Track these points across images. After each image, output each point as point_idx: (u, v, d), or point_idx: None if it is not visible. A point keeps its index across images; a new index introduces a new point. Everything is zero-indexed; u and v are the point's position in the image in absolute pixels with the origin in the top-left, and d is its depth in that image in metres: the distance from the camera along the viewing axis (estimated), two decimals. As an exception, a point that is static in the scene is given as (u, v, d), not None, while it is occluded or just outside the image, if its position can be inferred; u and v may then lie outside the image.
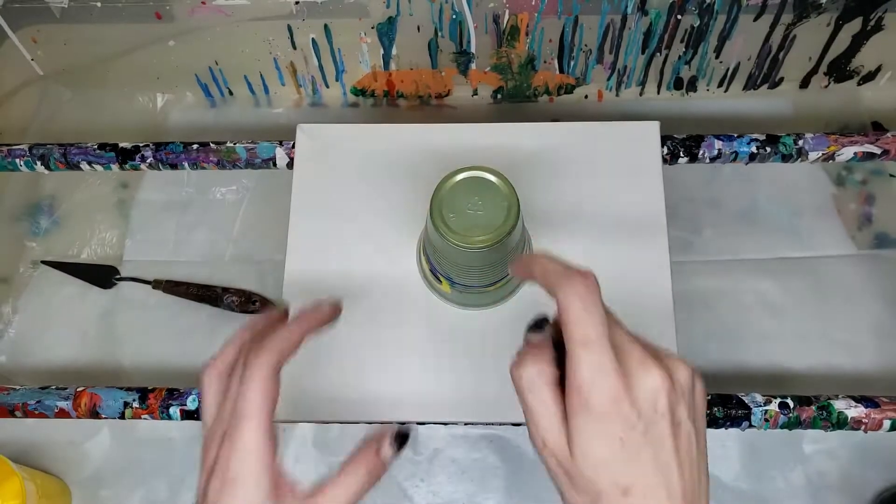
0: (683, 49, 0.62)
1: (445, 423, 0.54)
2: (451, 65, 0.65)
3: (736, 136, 0.56)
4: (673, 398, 0.33)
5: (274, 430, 0.35)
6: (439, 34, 0.61)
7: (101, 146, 0.59)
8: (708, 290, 0.59)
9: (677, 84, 0.66)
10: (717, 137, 0.56)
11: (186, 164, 0.59)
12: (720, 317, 0.59)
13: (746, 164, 0.57)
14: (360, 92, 0.68)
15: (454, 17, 0.59)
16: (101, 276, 0.62)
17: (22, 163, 0.59)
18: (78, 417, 0.52)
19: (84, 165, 0.59)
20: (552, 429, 0.33)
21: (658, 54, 0.63)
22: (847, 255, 0.60)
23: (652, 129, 0.55)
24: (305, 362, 0.49)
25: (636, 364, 0.33)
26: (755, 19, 0.59)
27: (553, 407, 0.33)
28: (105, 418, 0.52)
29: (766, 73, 0.65)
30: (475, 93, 0.68)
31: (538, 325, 0.37)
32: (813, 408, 0.49)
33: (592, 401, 0.32)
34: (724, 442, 0.55)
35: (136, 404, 0.51)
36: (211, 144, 0.58)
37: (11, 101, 0.69)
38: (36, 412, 0.52)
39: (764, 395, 0.49)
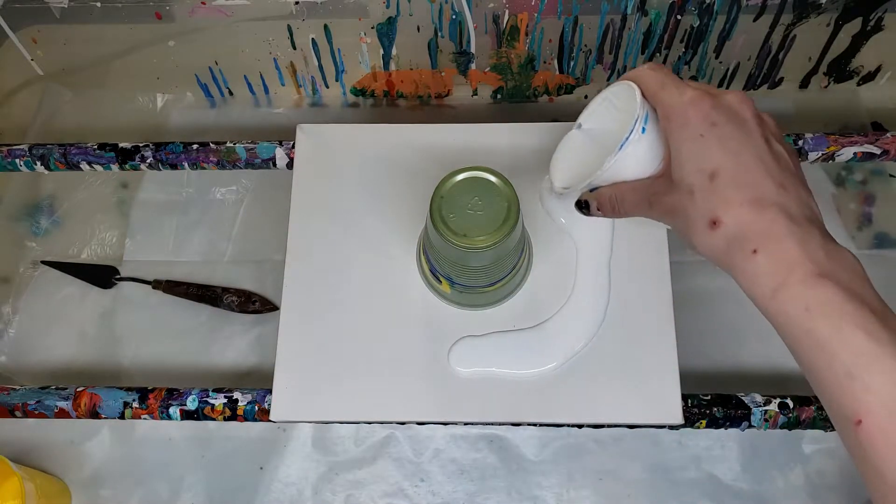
0: (683, 49, 0.62)
1: (445, 423, 0.54)
2: (450, 65, 0.65)
3: (736, 136, 0.56)
4: (757, 114, 0.37)
5: None
6: (439, 34, 0.61)
7: (101, 146, 0.59)
8: (708, 290, 0.59)
9: (677, 84, 0.66)
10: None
11: (186, 165, 0.59)
12: (720, 316, 0.59)
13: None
14: (359, 92, 0.68)
15: (454, 17, 0.59)
16: (101, 276, 0.62)
17: (22, 163, 0.59)
18: (78, 417, 0.52)
19: (84, 165, 0.59)
20: (647, 184, 0.38)
21: (658, 54, 0.63)
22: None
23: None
24: (306, 362, 0.50)
25: (715, 89, 0.37)
26: (755, 19, 0.59)
27: (635, 183, 0.39)
28: (105, 418, 0.52)
29: (765, 74, 0.65)
30: (475, 93, 0.68)
31: (580, 204, 0.43)
32: (812, 408, 0.49)
33: (673, 112, 0.36)
34: (724, 442, 0.55)
35: (135, 404, 0.51)
36: (211, 144, 0.58)
37: (11, 101, 0.69)
38: (36, 412, 0.52)
39: (764, 396, 0.49)
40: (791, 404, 0.49)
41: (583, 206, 0.42)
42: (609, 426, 0.51)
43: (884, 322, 0.31)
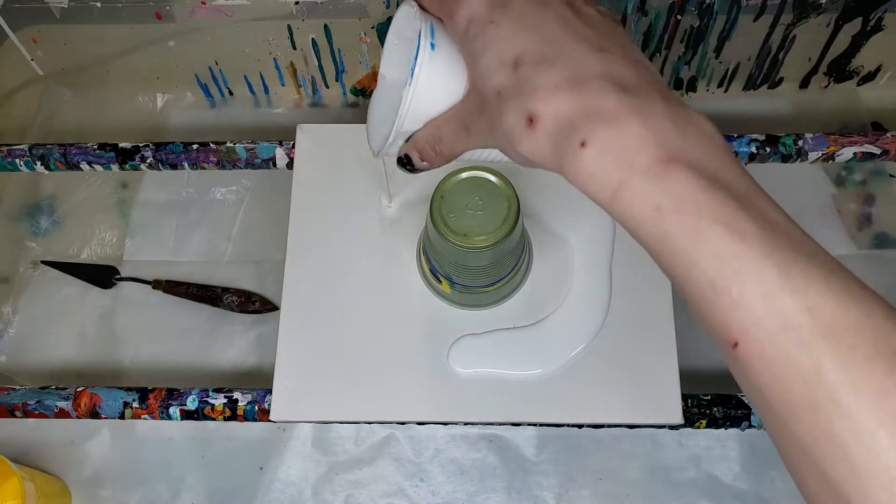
0: (683, 49, 0.62)
1: (445, 424, 0.54)
2: (450, 65, 0.64)
3: (736, 136, 0.57)
4: None
5: None
6: (439, 34, 0.61)
7: (101, 146, 0.59)
8: (708, 290, 0.59)
9: (677, 84, 0.66)
10: (717, 137, 0.56)
11: (186, 165, 0.59)
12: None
13: (746, 164, 0.57)
14: (360, 92, 0.68)
15: (454, 17, 0.59)
16: (101, 276, 0.62)
17: (22, 163, 0.59)
18: (78, 417, 0.52)
19: (84, 165, 0.59)
20: (459, 110, 0.31)
21: (658, 54, 0.63)
22: (847, 256, 0.60)
23: (652, 130, 0.55)
24: (306, 362, 0.50)
25: None
26: (755, 20, 0.59)
27: (448, 114, 0.31)
28: (105, 418, 0.52)
29: (765, 74, 0.65)
30: (475, 93, 0.68)
31: (401, 161, 0.35)
32: (812, 408, 0.49)
33: (454, 8, 0.29)
34: (724, 442, 0.55)
35: (135, 404, 0.51)
36: (211, 144, 0.58)
37: (11, 101, 0.69)
38: (36, 412, 0.52)
39: (763, 395, 0.49)
40: (791, 404, 0.49)
41: (405, 164, 0.35)
42: (609, 426, 0.51)
43: (749, 210, 0.24)
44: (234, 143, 0.58)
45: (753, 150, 0.56)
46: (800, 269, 0.23)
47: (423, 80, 0.31)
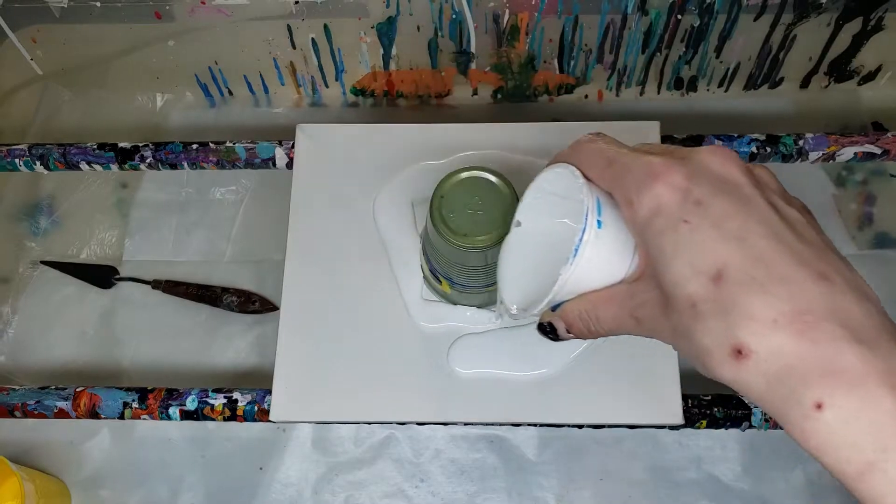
0: (684, 49, 0.62)
1: (445, 424, 0.54)
2: (450, 65, 0.64)
3: (736, 136, 0.56)
4: (748, 169, 0.26)
5: None
6: (439, 34, 0.61)
7: (101, 146, 0.59)
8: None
9: (677, 84, 0.66)
10: (718, 137, 0.56)
11: (186, 164, 0.59)
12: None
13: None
14: (359, 92, 0.68)
15: (454, 16, 0.59)
16: (101, 276, 0.62)
17: (21, 163, 0.59)
18: (77, 418, 0.52)
19: (83, 165, 0.59)
20: (624, 293, 0.28)
21: (658, 54, 0.63)
22: (847, 256, 0.59)
23: (652, 129, 0.55)
24: (305, 362, 0.50)
25: (680, 149, 0.27)
26: (755, 19, 0.59)
27: (608, 293, 0.29)
28: (104, 418, 0.52)
29: (766, 73, 0.65)
30: (475, 93, 0.68)
31: (542, 328, 0.34)
32: (813, 408, 0.49)
33: (635, 196, 0.26)
34: (725, 442, 0.55)
35: (135, 404, 0.51)
36: (210, 144, 0.58)
37: (11, 101, 0.68)
38: (35, 412, 0.51)
39: (764, 396, 0.49)
40: (792, 404, 0.49)
41: (547, 332, 0.32)
42: (609, 426, 0.51)
43: None
44: (234, 143, 0.58)
45: (754, 149, 0.56)
46: None
47: (587, 261, 0.29)
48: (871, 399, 0.22)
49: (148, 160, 0.58)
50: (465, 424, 0.54)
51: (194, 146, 0.58)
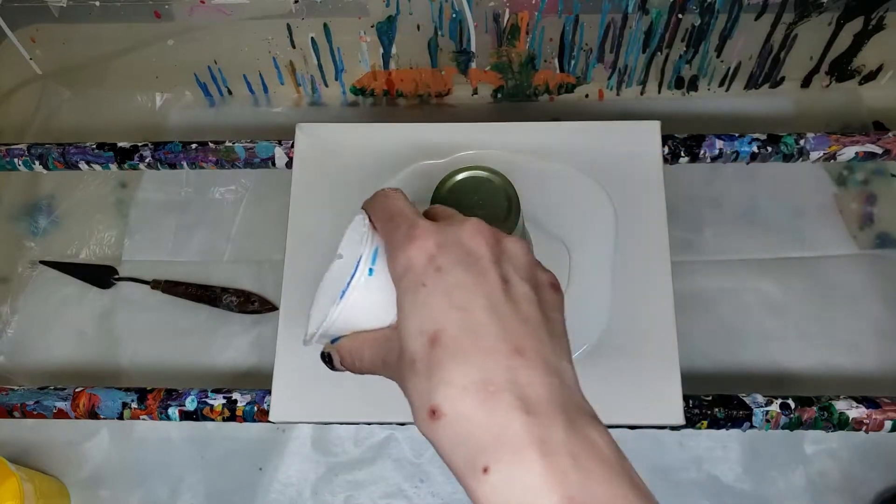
0: (684, 48, 0.62)
1: (445, 424, 0.54)
2: (450, 64, 0.64)
3: (737, 135, 0.56)
4: (496, 245, 0.29)
5: None
6: (439, 33, 0.61)
7: (100, 146, 0.59)
8: (709, 291, 0.59)
9: (678, 83, 0.66)
10: (719, 137, 0.56)
11: (185, 164, 0.59)
12: (721, 317, 0.58)
13: (748, 163, 0.57)
14: (359, 91, 0.68)
15: (454, 15, 0.59)
16: (100, 276, 0.62)
17: (20, 162, 0.59)
18: (76, 418, 0.51)
19: (83, 165, 0.59)
20: (384, 336, 0.31)
21: (659, 53, 0.63)
22: (848, 256, 0.60)
23: (653, 129, 0.54)
24: (305, 362, 0.49)
25: (458, 218, 0.30)
26: (756, 18, 0.59)
27: (374, 334, 0.32)
28: (104, 419, 0.52)
29: (767, 73, 0.65)
30: (475, 92, 0.68)
31: (323, 357, 0.35)
32: (814, 409, 0.48)
33: (395, 252, 0.29)
34: (726, 443, 0.55)
35: (134, 405, 0.51)
36: (210, 144, 0.58)
37: (10, 100, 0.68)
38: (34, 413, 0.51)
39: (765, 396, 0.49)
40: (793, 405, 0.49)
41: (326, 361, 0.35)
42: (610, 427, 0.51)
43: None
44: (233, 143, 0.58)
45: (755, 149, 0.56)
46: None
47: (352, 302, 0.31)
48: (526, 464, 0.24)
49: (147, 160, 0.58)
50: (465, 425, 0.54)
51: (194, 146, 0.58)
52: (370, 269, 0.31)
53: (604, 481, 0.25)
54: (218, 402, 0.50)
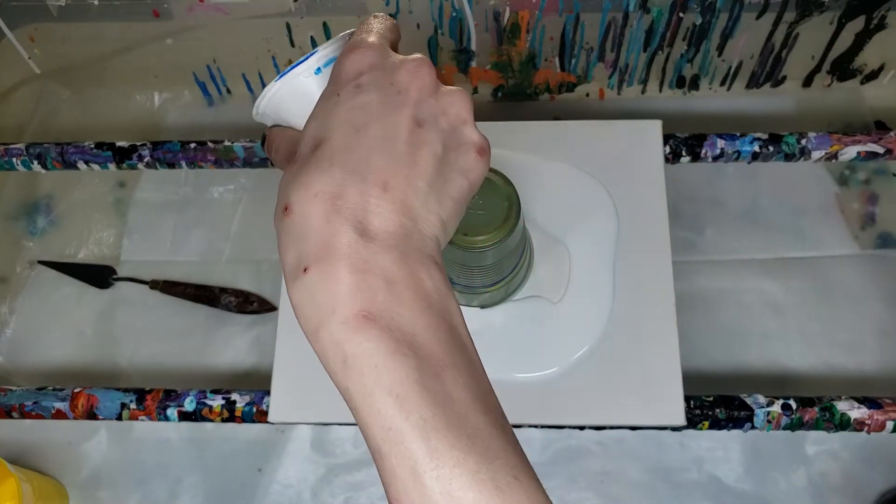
0: (686, 47, 0.62)
1: (445, 425, 0.53)
2: (451, 63, 0.64)
3: (738, 134, 0.56)
4: (427, 93, 0.29)
5: None
6: (439, 32, 0.61)
7: (98, 145, 0.58)
8: (710, 290, 0.59)
9: (679, 82, 0.66)
10: (720, 136, 0.56)
11: (184, 163, 0.58)
12: (722, 317, 0.58)
13: (749, 163, 0.57)
14: (359, 90, 0.68)
15: (454, 14, 0.59)
16: (99, 276, 0.62)
17: (19, 162, 0.59)
18: (75, 418, 0.51)
19: (81, 165, 0.59)
20: (291, 138, 0.31)
21: (660, 52, 0.62)
22: (850, 255, 0.60)
23: (654, 128, 0.54)
24: (304, 363, 0.49)
25: (413, 56, 0.30)
26: (757, 17, 0.58)
27: (294, 132, 0.32)
28: (102, 419, 0.51)
29: (768, 72, 0.65)
30: (475, 91, 0.68)
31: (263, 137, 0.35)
32: (816, 409, 0.48)
33: (334, 67, 0.29)
34: (727, 443, 0.54)
35: (133, 405, 0.51)
36: (209, 143, 0.58)
37: (8, 99, 0.68)
38: (33, 413, 0.51)
39: (766, 397, 0.49)
40: (794, 405, 0.48)
41: (262, 140, 0.36)
42: (611, 428, 0.51)
43: (429, 384, 0.24)
44: (232, 142, 0.58)
45: (756, 148, 0.56)
46: (455, 456, 0.23)
47: (288, 89, 0.31)
48: (339, 273, 0.25)
49: (146, 159, 0.58)
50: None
51: (192, 145, 0.58)
52: (318, 69, 0.31)
53: (414, 308, 0.25)
54: (217, 402, 0.50)
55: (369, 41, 0.29)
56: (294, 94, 0.31)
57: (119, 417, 0.51)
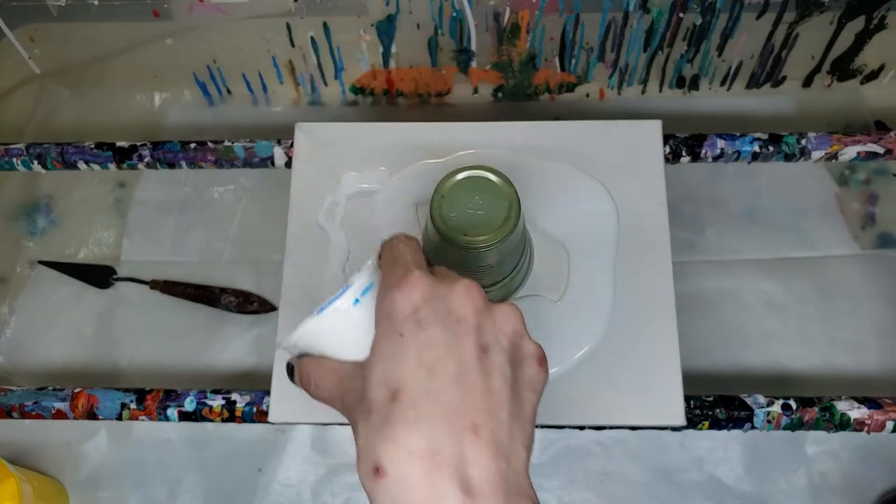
0: (685, 47, 0.62)
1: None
2: (451, 63, 0.64)
3: (738, 135, 0.56)
4: (483, 315, 0.29)
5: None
6: (439, 32, 0.61)
7: (99, 145, 0.58)
8: (710, 291, 0.59)
9: (679, 82, 0.66)
10: (720, 136, 0.56)
11: (184, 164, 0.58)
12: (722, 317, 0.58)
13: (749, 163, 0.57)
14: (359, 90, 0.68)
15: (454, 14, 0.59)
16: (99, 276, 0.62)
17: (19, 162, 0.59)
18: (75, 419, 0.51)
19: (81, 165, 0.59)
20: (348, 372, 0.31)
21: (660, 52, 0.62)
22: (850, 256, 0.60)
23: (654, 128, 0.54)
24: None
25: (455, 277, 0.30)
26: (757, 17, 0.58)
27: (338, 365, 0.31)
28: (102, 419, 0.51)
29: (768, 72, 0.65)
30: (475, 91, 0.68)
31: (288, 366, 0.35)
32: (816, 409, 0.48)
33: (383, 296, 0.29)
34: (727, 444, 0.54)
35: (133, 405, 0.51)
36: (209, 143, 0.58)
37: (9, 100, 0.68)
38: (33, 413, 0.51)
39: (767, 397, 0.49)
40: (794, 406, 0.48)
41: (288, 371, 0.34)
42: (611, 428, 0.51)
43: None
44: (232, 142, 0.58)
45: (756, 149, 0.56)
46: None
47: (327, 324, 0.31)
48: None
49: (146, 159, 0.58)
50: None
51: (192, 145, 0.58)
52: (356, 300, 0.31)
53: None
54: (217, 402, 0.50)
55: (415, 274, 0.29)
56: (333, 327, 0.31)
57: (119, 417, 0.51)
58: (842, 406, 0.48)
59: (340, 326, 0.31)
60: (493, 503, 0.26)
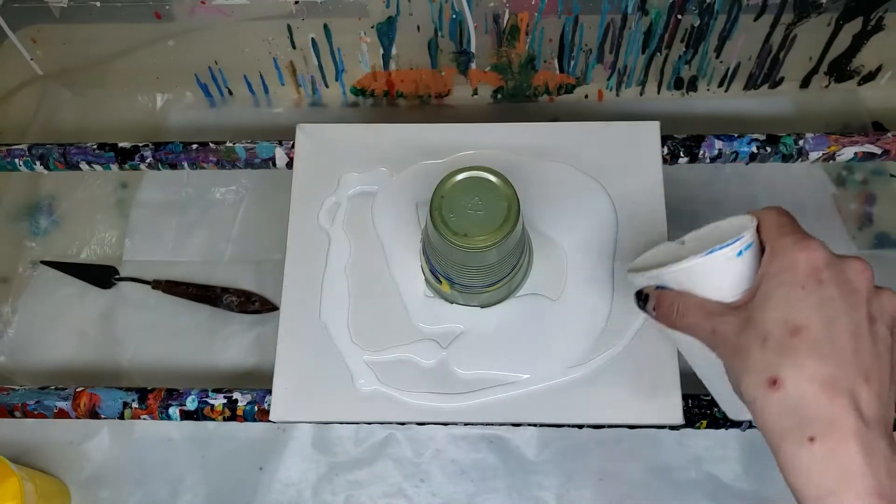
0: (684, 49, 0.62)
1: (445, 424, 0.54)
2: (450, 64, 0.64)
3: (736, 136, 0.56)
4: (872, 292, 0.33)
5: None
6: (439, 34, 0.61)
7: (101, 146, 0.59)
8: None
9: (678, 84, 0.66)
10: (718, 137, 0.56)
11: (186, 164, 0.59)
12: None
13: (747, 164, 0.57)
14: (359, 92, 0.68)
15: (454, 16, 0.59)
16: (101, 276, 0.62)
17: (21, 163, 0.59)
18: (77, 418, 0.52)
19: (83, 165, 0.59)
20: (717, 308, 0.36)
21: (658, 54, 0.63)
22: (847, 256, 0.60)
23: (652, 129, 0.55)
24: (305, 362, 0.49)
25: (846, 255, 0.34)
26: (755, 19, 0.59)
27: (704, 301, 0.36)
28: (104, 419, 0.52)
29: (766, 73, 0.65)
30: (475, 92, 0.68)
31: (639, 294, 0.41)
32: (813, 408, 0.49)
33: (784, 253, 0.33)
34: (725, 442, 0.55)
35: (135, 405, 0.51)
36: (210, 144, 0.58)
37: (11, 101, 0.68)
38: (35, 412, 0.51)
39: (764, 396, 0.49)
40: (792, 405, 0.49)
41: (640, 298, 0.40)
42: (609, 426, 0.51)
43: None
44: (234, 143, 0.58)
45: (754, 149, 0.56)
46: None
47: (713, 267, 0.36)
48: (850, 450, 0.29)
49: (148, 160, 0.58)
50: (466, 424, 0.54)
51: (194, 146, 0.58)
52: (740, 251, 0.35)
53: None
54: (218, 401, 0.51)
55: (815, 240, 0.34)
56: (713, 270, 0.36)
57: (121, 416, 0.51)
58: (839, 405, 0.48)
59: (719, 271, 0.36)
60: (884, 437, 0.30)
